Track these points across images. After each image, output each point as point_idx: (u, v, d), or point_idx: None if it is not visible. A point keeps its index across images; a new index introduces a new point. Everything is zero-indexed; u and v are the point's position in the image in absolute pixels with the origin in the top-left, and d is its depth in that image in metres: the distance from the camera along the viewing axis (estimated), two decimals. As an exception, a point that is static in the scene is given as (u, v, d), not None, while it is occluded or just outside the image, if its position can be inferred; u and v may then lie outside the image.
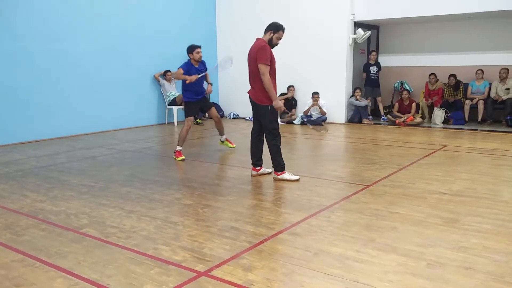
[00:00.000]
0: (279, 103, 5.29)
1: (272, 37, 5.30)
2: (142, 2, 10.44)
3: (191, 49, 6.80)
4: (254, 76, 5.33)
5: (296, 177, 5.44)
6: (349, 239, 3.55)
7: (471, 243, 3.43)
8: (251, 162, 5.72)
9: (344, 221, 4.00)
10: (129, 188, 5.24)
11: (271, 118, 5.40)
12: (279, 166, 5.46)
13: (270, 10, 11.11)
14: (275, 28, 5.30)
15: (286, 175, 5.44)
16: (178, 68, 6.80)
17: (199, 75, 6.66)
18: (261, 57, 5.15)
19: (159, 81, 10.89)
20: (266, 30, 5.34)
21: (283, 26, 5.36)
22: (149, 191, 5.09)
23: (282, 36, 5.37)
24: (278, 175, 5.47)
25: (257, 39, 5.39)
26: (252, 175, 5.71)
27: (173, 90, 10.96)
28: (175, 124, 10.87)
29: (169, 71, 10.86)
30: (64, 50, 8.97)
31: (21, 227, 3.99)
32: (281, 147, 5.48)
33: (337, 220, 4.01)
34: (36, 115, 8.59)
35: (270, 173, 5.73)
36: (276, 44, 5.37)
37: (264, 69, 5.15)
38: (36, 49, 8.51)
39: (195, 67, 6.81)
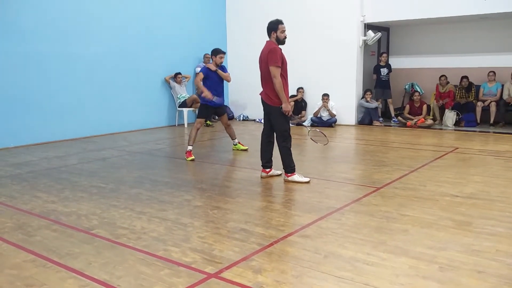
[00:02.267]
0: (288, 107, 5.30)
1: (277, 36, 5.33)
2: (152, 6, 10.49)
3: (215, 52, 7.03)
4: (266, 78, 5.35)
5: (307, 179, 5.42)
6: (360, 242, 3.53)
7: (483, 246, 3.39)
8: (261, 164, 5.71)
9: (355, 224, 3.97)
10: (139, 189, 5.26)
11: (282, 119, 5.39)
12: (289, 167, 5.45)
13: (280, 12, 10.96)
14: (274, 26, 5.33)
15: (296, 177, 5.43)
16: (198, 73, 7.02)
17: (214, 98, 6.91)
18: (272, 59, 5.17)
19: (169, 84, 10.94)
20: (269, 33, 5.38)
21: (279, 19, 5.39)
22: (159, 192, 5.11)
23: (284, 28, 5.37)
24: (288, 177, 5.46)
25: (267, 41, 5.41)
26: (261, 177, 5.70)
27: (184, 92, 11.01)
28: (185, 126, 10.91)
29: (179, 73, 10.92)
30: (75, 53, 9.05)
31: (33, 228, 4.02)
32: (291, 148, 5.47)
33: (347, 223, 3.98)
34: (47, 117, 8.67)
35: (280, 175, 5.73)
36: (285, 37, 5.39)
37: (275, 71, 5.16)
38: (47, 52, 8.60)
39: (214, 72, 6.99)
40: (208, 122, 10.98)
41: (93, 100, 9.44)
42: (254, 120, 11.99)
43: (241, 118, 12.32)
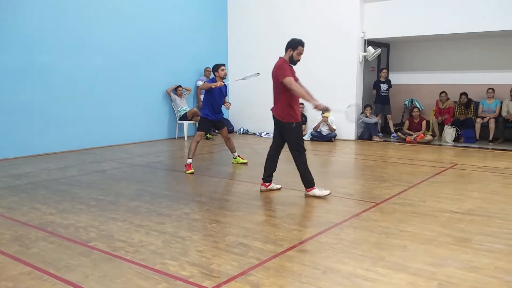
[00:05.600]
0: (320, 104, 5.19)
1: (292, 54, 5.33)
2: (154, 18, 10.57)
3: (216, 67, 7.17)
4: (277, 93, 5.37)
5: (327, 192, 5.38)
6: (359, 257, 3.51)
7: (482, 263, 3.38)
8: (262, 177, 5.69)
9: (354, 239, 3.96)
10: (138, 202, 5.25)
11: (296, 135, 5.37)
12: (308, 182, 5.40)
13: (280, 28, 11.20)
14: (294, 45, 5.32)
15: (316, 191, 5.37)
16: (205, 82, 7.25)
17: (224, 82, 7.03)
18: (281, 74, 5.19)
19: (170, 96, 10.99)
20: (286, 48, 5.38)
21: (302, 41, 5.37)
22: (158, 205, 5.10)
23: (303, 51, 5.36)
24: (308, 192, 5.42)
25: (280, 58, 5.40)
26: (261, 191, 5.69)
27: (184, 105, 11.06)
28: (185, 138, 10.92)
29: (180, 86, 10.98)
30: (76, 64, 9.10)
31: (30, 240, 4.00)
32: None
33: (346, 238, 3.97)
34: (47, 129, 8.69)
35: (279, 189, 5.72)
36: (298, 60, 5.40)
37: (288, 81, 5.14)
38: (48, 64, 8.64)
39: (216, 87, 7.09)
40: (208, 135, 11.00)
41: (94, 112, 9.46)
42: (255, 133, 12.01)
43: (241, 132, 12.34)
